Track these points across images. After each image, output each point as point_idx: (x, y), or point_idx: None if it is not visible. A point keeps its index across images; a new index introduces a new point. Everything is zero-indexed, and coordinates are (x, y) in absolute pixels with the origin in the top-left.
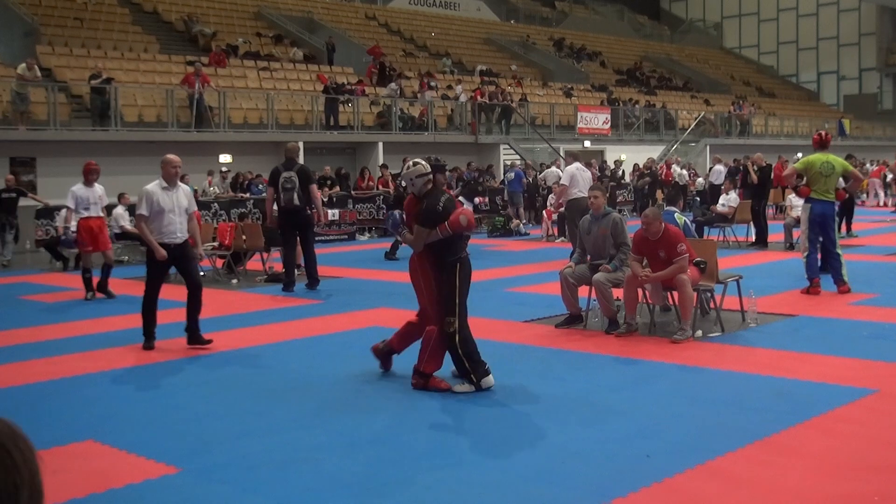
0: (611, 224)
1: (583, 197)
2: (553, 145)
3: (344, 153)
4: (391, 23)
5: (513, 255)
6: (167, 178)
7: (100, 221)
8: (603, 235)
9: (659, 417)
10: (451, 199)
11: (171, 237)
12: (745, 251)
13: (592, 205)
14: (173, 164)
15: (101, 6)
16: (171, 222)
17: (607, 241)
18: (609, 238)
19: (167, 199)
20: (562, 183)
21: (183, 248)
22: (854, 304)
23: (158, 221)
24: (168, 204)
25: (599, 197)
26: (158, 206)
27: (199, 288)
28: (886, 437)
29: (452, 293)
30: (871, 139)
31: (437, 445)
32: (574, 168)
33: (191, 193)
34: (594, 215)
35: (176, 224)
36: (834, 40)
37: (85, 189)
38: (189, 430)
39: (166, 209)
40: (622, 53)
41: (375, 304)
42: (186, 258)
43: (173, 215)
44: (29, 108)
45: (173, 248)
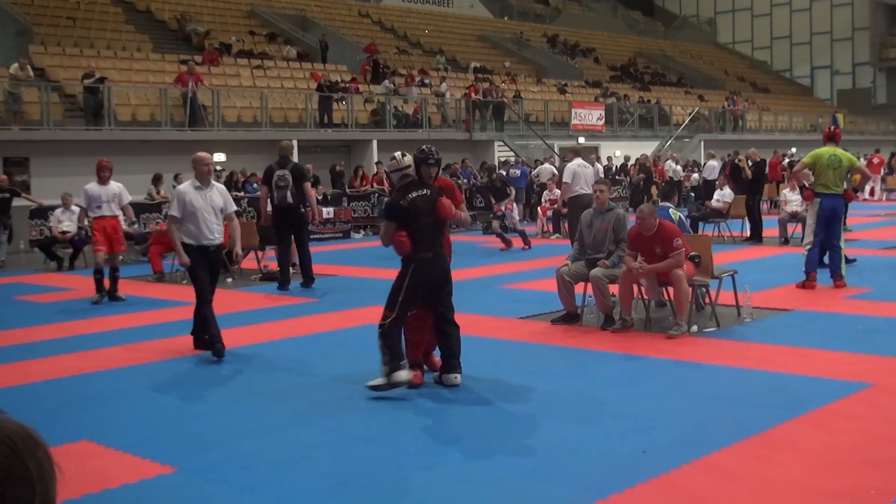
0: (614, 219)
1: (584, 194)
2: (547, 142)
3: (338, 151)
4: (385, 20)
5: (508, 251)
6: (200, 176)
7: (114, 221)
8: (604, 230)
9: (655, 413)
10: (424, 196)
11: (207, 239)
12: (740, 246)
13: (597, 199)
14: (205, 162)
15: (94, 5)
16: (206, 223)
17: (608, 235)
18: (610, 233)
19: (200, 199)
20: (564, 180)
21: (218, 252)
22: (849, 299)
23: (192, 223)
24: (201, 204)
25: (605, 191)
26: (191, 206)
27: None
28: (882, 431)
29: (398, 290)
30: (864, 134)
31: (432, 443)
32: (576, 165)
33: (226, 192)
34: (598, 209)
35: (212, 225)
36: (827, 35)
37: (98, 187)
38: (185, 430)
39: (200, 209)
40: (616, 50)
41: (371, 302)
42: (219, 264)
43: (208, 216)
44: (22, 107)
45: (211, 250)
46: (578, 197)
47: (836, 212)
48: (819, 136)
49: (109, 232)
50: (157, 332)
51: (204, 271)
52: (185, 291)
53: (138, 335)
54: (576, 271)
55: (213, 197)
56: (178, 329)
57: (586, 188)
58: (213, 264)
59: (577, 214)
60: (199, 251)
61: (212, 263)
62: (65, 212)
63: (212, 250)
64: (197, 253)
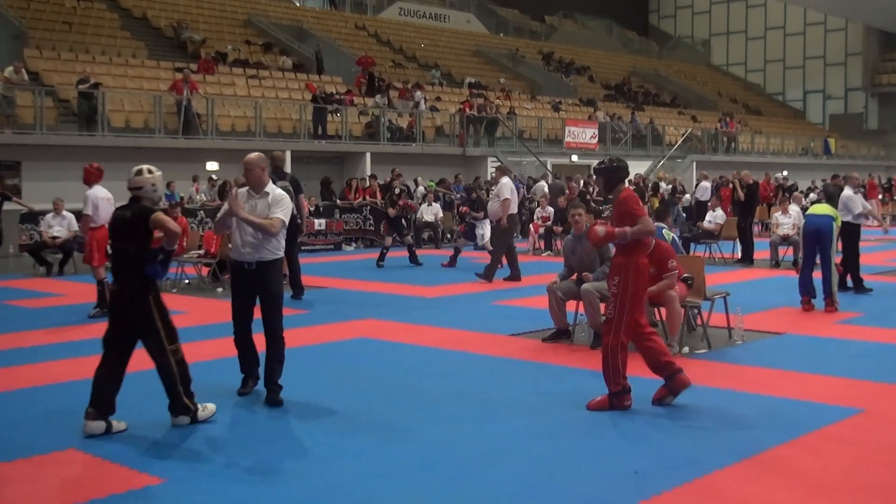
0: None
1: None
2: (540, 159)
3: (331, 163)
4: (381, 33)
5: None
6: (253, 182)
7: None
8: (588, 253)
9: (646, 434)
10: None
11: (239, 254)
12: (731, 268)
13: (576, 224)
14: (248, 166)
15: (91, 11)
16: (240, 236)
17: (594, 258)
18: (595, 255)
19: (245, 206)
20: (505, 197)
21: (260, 273)
22: (840, 323)
23: (234, 235)
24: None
25: (583, 215)
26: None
27: (274, 337)
28: (874, 456)
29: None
30: (856, 158)
31: (423, 459)
32: (508, 182)
33: (282, 200)
34: (576, 234)
35: (244, 238)
36: (820, 59)
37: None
38: (173, 441)
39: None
40: (610, 68)
41: (362, 314)
42: (264, 291)
43: (247, 226)
44: (15, 111)
45: (246, 268)
46: (514, 216)
47: (821, 232)
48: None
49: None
50: None
51: (240, 295)
52: (175, 299)
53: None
54: (567, 288)
55: (256, 206)
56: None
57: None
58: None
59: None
60: (236, 271)
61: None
62: (55, 217)
63: (246, 269)
64: (235, 271)
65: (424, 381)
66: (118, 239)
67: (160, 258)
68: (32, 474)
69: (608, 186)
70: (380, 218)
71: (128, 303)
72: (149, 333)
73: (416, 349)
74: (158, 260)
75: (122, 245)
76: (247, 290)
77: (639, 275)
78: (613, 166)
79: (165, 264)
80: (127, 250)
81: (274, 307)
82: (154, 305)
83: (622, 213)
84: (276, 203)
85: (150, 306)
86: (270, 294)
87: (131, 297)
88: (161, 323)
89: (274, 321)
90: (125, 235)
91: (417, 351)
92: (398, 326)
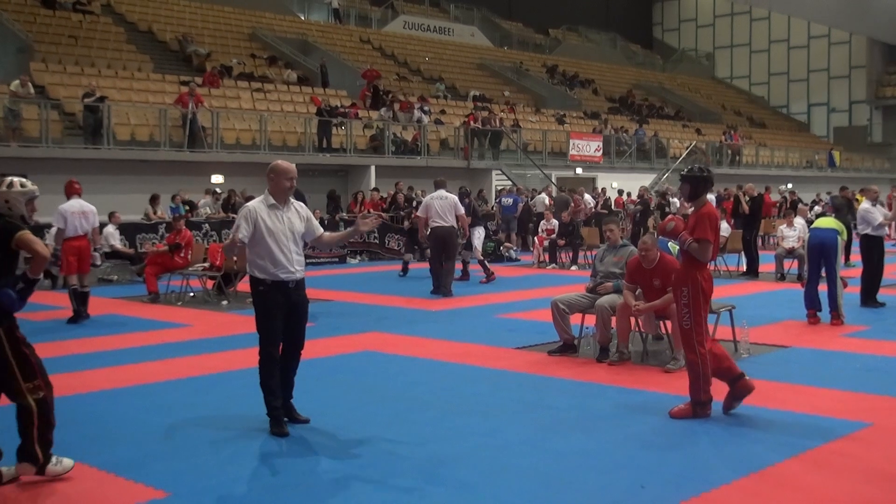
0: (627, 255)
1: (438, 226)
2: (545, 171)
3: (336, 176)
4: (385, 47)
5: (504, 280)
6: (278, 192)
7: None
8: (616, 262)
9: (652, 448)
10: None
11: (286, 272)
12: (736, 281)
13: (608, 238)
14: (289, 175)
15: (96, 24)
16: (283, 251)
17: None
18: (621, 267)
19: (276, 220)
20: (418, 214)
21: (301, 289)
22: (846, 336)
23: (264, 250)
24: (278, 227)
25: (615, 230)
26: (263, 229)
27: (300, 349)
28: (882, 470)
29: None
30: (860, 171)
31: (428, 472)
32: (428, 198)
33: (310, 214)
34: (610, 246)
35: (291, 254)
36: (825, 72)
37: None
38: (178, 454)
39: (277, 233)
40: (614, 81)
41: (366, 327)
42: (304, 307)
43: (287, 241)
44: (21, 124)
45: (291, 287)
46: (434, 230)
47: (826, 246)
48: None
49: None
50: (151, 354)
51: (279, 317)
52: (180, 313)
53: (132, 356)
54: (570, 301)
55: (291, 218)
56: (172, 351)
57: (439, 220)
58: (296, 308)
59: (436, 246)
60: (277, 288)
61: (293, 307)
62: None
63: (291, 287)
64: (274, 291)
65: (429, 395)
66: None
67: (19, 286)
68: (36, 489)
69: (694, 194)
70: (384, 231)
71: None
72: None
73: (420, 362)
74: (17, 288)
75: None
76: (284, 308)
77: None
78: (704, 175)
79: (25, 294)
80: None
81: (305, 323)
82: (5, 339)
83: (696, 224)
84: (310, 217)
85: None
86: (306, 311)
87: None
88: (14, 359)
89: (303, 338)
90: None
91: (422, 364)
92: (403, 339)
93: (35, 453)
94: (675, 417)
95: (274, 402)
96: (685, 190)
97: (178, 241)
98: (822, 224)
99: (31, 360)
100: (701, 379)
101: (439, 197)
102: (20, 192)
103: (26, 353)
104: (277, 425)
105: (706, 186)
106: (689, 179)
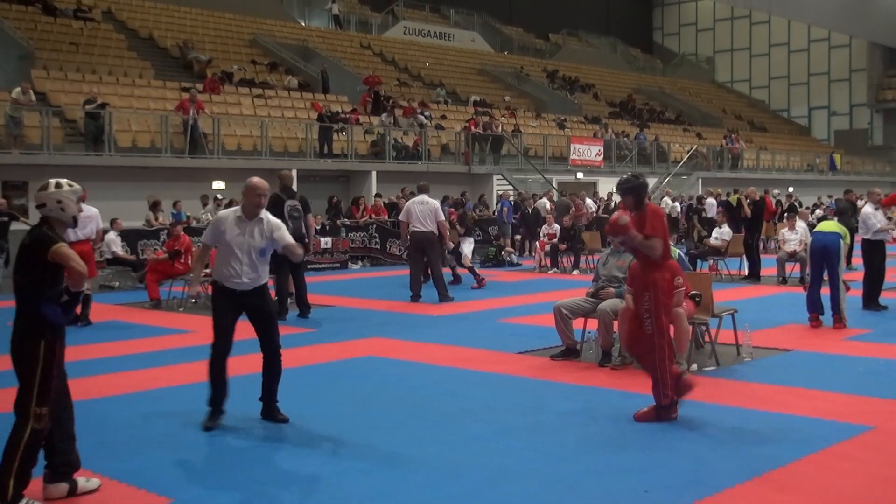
0: (629, 259)
1: (417, 231)
2: (546, 176)
3: (337, 181)
4: (386, 52)
5: (506, 285)
6: (247, 207)
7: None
8: (619, 267)
9: (656, 452)
10: None
11: (233, 282)
12: (738, 284)
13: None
14: (258, 192)
15: (97, 31)
16: (236, 263)
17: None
18: (624, 271)
19: (237, 233)
20: (400, 218)
21: (254, 297)
22: (848, 340)
23: (221, 257)
24: (237, 239)
25: None
26: (223, 238)
27: (276, 354)
28: (885, 473)
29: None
30: (861, 174)
31: (430, 478)
32: (410, 203)
33: (277, 226)
34: (614, 250)
35: (243, 266)
36: (825, 76)
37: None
38: (181, 460)
39: (232, 245)
40: (615, 86)
41: (369, 333)
42: (262, 313)
43: (241, 255)
44: (22, 131)
45: (237, 294)
46: (413, 234)
47: (828, 249)
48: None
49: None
50: (153, 360)
51: (228, 319)
52: (182, 319)
53: (134, 363)
54: (573, 306)
55: (254, 233)
56: (174, 357)
57: (419, 225)
58: (254, 313)
59: (416, 250)
60: (224, 292)
61: (250, 312)
62: None
63: (238, 294)
64: (223, 294)
65: (432, 400)
66: (14, 270)
67: (64, 299)
68: (40, 496)
69: (639, 202)
70: (385, 236)
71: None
72: (21, 383)
73: (423, 367)
74: (62, 301)
75: (16, 278)
76: (235, 313)
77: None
78: (642, 182)
79: (69, 307)
80: (21, 284)
81: (275, 326)
82: (42, 354)
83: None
84: (277, 227)
85: (36, 354)
86: (271, 314)
87: (20, 339)
88: (40, 376)
89: (277, 339)
90: (20, 266)
91: (424, 369)
92: (405, 345)
93: (6, 486)
94: (639, 421)
95: (214, 396)
96: (629, 201)
97: (177, 247)
98: (824, 228)
99: (52, 384)
100: (661, 383)
101: (420, 202)
102: (72, 192)
103: (52, 376)
104: (209, 418)
105: (646, 191)
106: (631, 191)
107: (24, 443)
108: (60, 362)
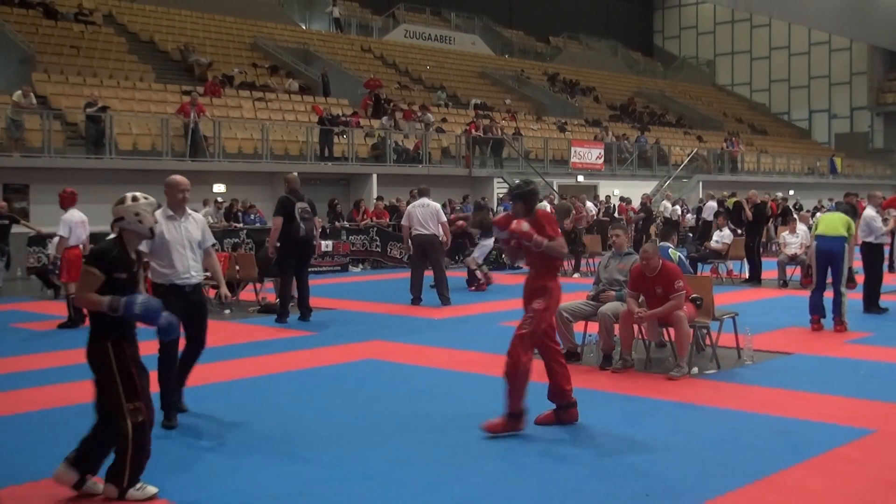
0: (631, 262)
1: (419, 234)
2: (546, 179)
3: (338, 184)
4: (386, 55)
5: (507, 288)
6: (173, 204)
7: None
8: (620, 270)
9: (657, 455)
10: None
11: (183, 277)
12: (739, 287)
13: (614, 244)
14: (180, 188)
15: (98, 35)
16: (181, 258)
17: (623, 276)
18: (625, 274)
19: (174, 230)
20: (402, 223)
21: (198, 293)
22: (850, 343)
23: (164, 258)
24: (175, 236)
25: (621, 236)
26: (162, 238)
27: (201, 347)
28: (886, 477)
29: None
30: (862, 177)
31: (432, 481)
32: (411, 206)
33: (205, 223)
34: (616, 253)
35: (188, 261)
36: (825, 79)
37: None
38: (181, 464)
39: (173, 242)
40: (616, 89)
41: (370, 336)
42: (203, 307)
43: (184, 249)
44: (23, 134)
45: (187, 291)
46: (415, 237)
47: (833, 253)
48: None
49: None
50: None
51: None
52: None
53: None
54: (574, 309)
55: (188, 228)
56: None
57: (421, 228)
58: (194, 307)
59: (418, 254)
60: (173, 291)
61: (191, 306)
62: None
63: (188, 291)
64: (171, 295)
65: (433, 404)
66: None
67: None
68: (40, 499)
69: (530, 208)
70: (386, 239)
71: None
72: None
73: (424, 371)
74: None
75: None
76: (183, 310)
77: (558, 298)
78: (532, 189)
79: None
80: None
81: (206, 323)
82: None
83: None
84: (200, 223)
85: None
86: (205, 312)
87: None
88: (120, 375)
89: (205, 336)
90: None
91: (425, 373)
92: (406, 348)
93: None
94: (488, 432)
95: (168, 397)
96: (520, 207)
97: None
98: (828, 228)
99: (136, 380)
100: (514, 391)
101: (421, 205)
102: (148, 204)
103: (133, 373)
104: (167, 419)
105: (536, 198)
106: (522, 197)
107: (130, 439)
108: (136, 359)
